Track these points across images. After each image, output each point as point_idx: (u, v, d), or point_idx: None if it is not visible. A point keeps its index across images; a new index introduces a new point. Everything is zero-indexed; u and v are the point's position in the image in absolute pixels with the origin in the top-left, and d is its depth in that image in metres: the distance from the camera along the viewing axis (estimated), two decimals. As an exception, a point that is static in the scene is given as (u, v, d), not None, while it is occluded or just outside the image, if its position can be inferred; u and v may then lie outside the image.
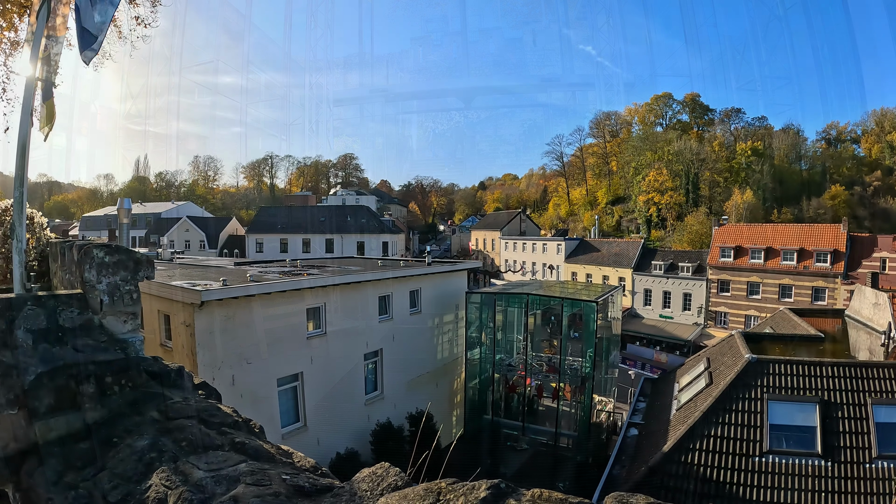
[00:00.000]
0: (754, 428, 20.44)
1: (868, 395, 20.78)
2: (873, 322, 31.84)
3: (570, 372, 40.54)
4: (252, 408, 25.88)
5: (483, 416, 41.61)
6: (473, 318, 42.14)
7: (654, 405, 28.77)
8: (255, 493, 3.30)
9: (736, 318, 75.57)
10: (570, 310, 40.96)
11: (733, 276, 77.39)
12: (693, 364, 29.78)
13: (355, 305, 35.05)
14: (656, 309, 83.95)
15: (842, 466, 19.05)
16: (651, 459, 20.49)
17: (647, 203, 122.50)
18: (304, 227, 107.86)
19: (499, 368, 41.52)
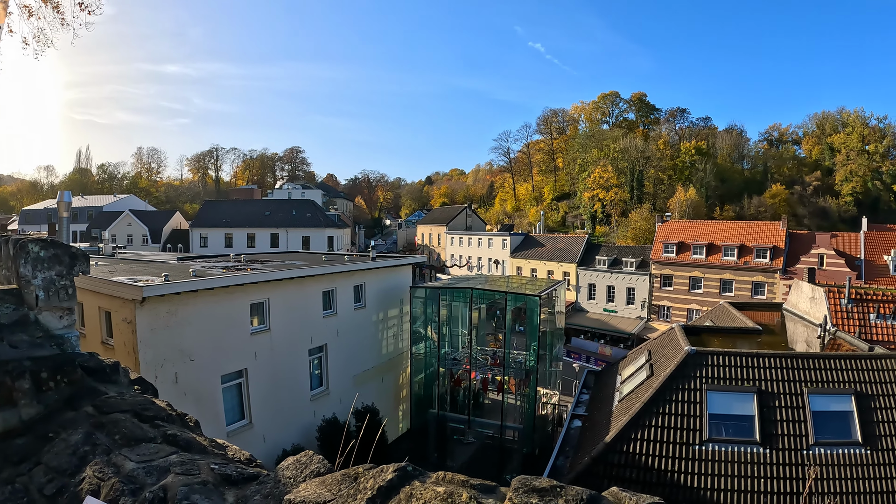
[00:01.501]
0: (694, 417, 20.85)
1: (804, 385, 21.45)
2: (810, 315, 32.73)
3: (514, 365, 40.78)
4: (196, 406, 25.29)
5: (429, 410, 41.55)
6: (418, 313, 42.16)
7: (597, 397, 29.09)
8: (184, 481, 3.41)
9: (678, 312, 77.16)
10: (514, 304, 41.31)
11: (676, 270, 78.97)
12: (635, 357, 30.15)
13: (299, 300, 34.74)
14: (600, 303, 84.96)
15: (779, 453, 19.65)
16: (594, 450, 20.74)
17: (593, 199, 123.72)
18: (249, 221, 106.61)
19: (444, 363, 41.50)
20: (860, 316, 30.84)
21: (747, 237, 77.41)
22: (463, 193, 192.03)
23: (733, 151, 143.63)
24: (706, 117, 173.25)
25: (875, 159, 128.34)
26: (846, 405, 20.85)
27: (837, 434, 20.10)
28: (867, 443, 19.73)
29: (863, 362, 22.38)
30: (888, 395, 21.09)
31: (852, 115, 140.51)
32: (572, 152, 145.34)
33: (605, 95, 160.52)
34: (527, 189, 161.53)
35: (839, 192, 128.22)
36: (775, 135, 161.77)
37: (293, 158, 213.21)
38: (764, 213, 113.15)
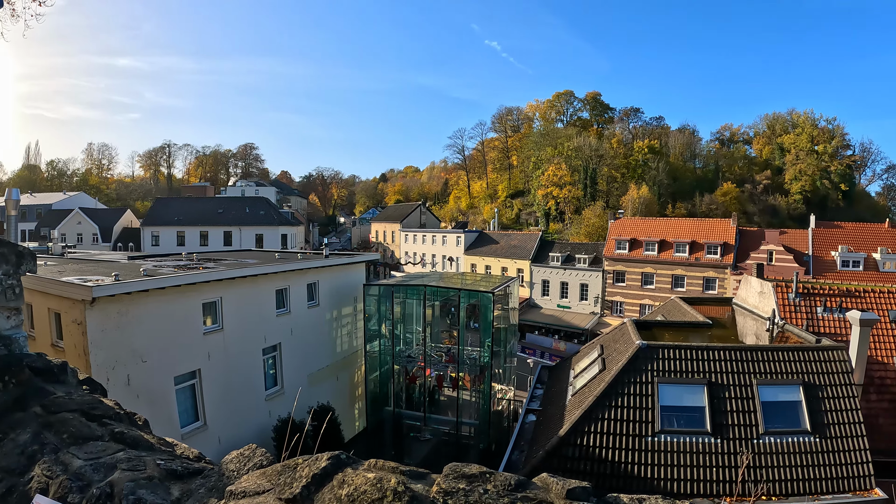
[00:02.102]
0: (646, 409, 21.12)
1: (754, 377, 22.02)
2: (759, 309, 33.25)
3: (469, 362, 40.94)
4: (149, 408, 24.77)
5: (385, 408, 41.55)
6: (372, 311, 42.02)
7: (551, 391, 29.26)
8: (130, 477, 3.47)
9: (631, 307, 78.13)
10: (467, 301, 41.36)
11: (628, 267, 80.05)
12: (588, 351, 30.38)
13: (252, 299, 34.40)
14: (554, 299, 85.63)
15: (730, 443, 20.16)
16: (548, 444, 20.88)
17: (546, 197, 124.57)
18: (201, 219, 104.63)
19: (399, 360, 41.49)
20: (808, 309, 31.46)
21: (699, 234, 78.87)
22: (417, 191, 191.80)
23: (685, 150, 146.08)
24: (659, 117, 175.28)
25: (824, 159, 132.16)
26: (794, 395, 21.56)
27: (787, 423, 20.78)
28: (816, 431, 20.47)
29: (810, 354, 23.06)
30: (835, 385, 21.85)
31: (802, 116, 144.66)
32: (527, 150, 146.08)
33: (560, 94, 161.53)
34: (481, 186, 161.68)
35: (788, 190, 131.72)
36: (727, 135, 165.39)
37: (247, 155, 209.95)
38: (715, 210, 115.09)
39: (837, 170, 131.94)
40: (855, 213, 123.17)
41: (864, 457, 20.10)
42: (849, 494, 19.26)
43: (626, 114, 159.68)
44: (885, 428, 26.95)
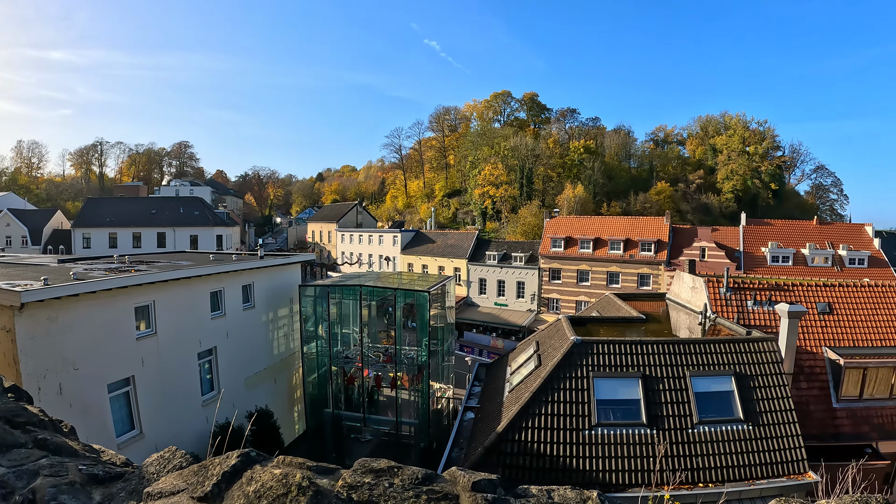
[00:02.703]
0: (582, 404, 21.16)
1: (687, 369, 22.42)
2: (691, 304, 33.68)
3: (406, 361, 40.61)
4: (83, 418, 23.95)
5: (324, 409, 40.98)
6: (309, 312, 41.31)
7: (489, 389, 29.14)
8: (52, 483, 3.44)
9: (567, 304, 79.11)
10: (404, 300, 41.00)
11: (564, 264, 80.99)
12: (524, 348, 30.34)
13: (186, 302, 33.29)
14: (491, 297, 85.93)
15: (666, 433, 20.43)
16: (487, 440, 20.74)
17: (483, 196, 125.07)
18: (134, 220, 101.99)
19: (336, 361, 40.93)
20: (738, 303, 31.86)
21: (633, 232, 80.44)
22: (354, 190, 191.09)
23: (621, 150, 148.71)
24: (595, 117, 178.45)
25: (755, 159, 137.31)
26: (727, 385, 22.05)
27: (720, 412, 21.26)
28: (749, 419, 21.05)
29: (741, 345, 23.61)
30: (766, 375, 22.50)
31: (734, 118, 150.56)
32: (464, 150, 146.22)
33: (498, 94, 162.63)
34: (418, 186, 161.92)
35: (721, 189, 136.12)
36: (661, 135, 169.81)
37: (181, 154, 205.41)
38: (649, 208, 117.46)
39: (768, 170, 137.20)
40: (784, 210, 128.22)
41: (796, 442, 20.77)
42: (783, 478, 19.82)
43: (563, 114, 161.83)
44: (815, 414, 27.74)
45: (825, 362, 29.45)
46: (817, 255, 73.13)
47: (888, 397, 28.82)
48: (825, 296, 32.83)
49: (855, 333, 31.04)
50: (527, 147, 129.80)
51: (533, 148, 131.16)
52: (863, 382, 28.57)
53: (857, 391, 28.58)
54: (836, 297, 32.87)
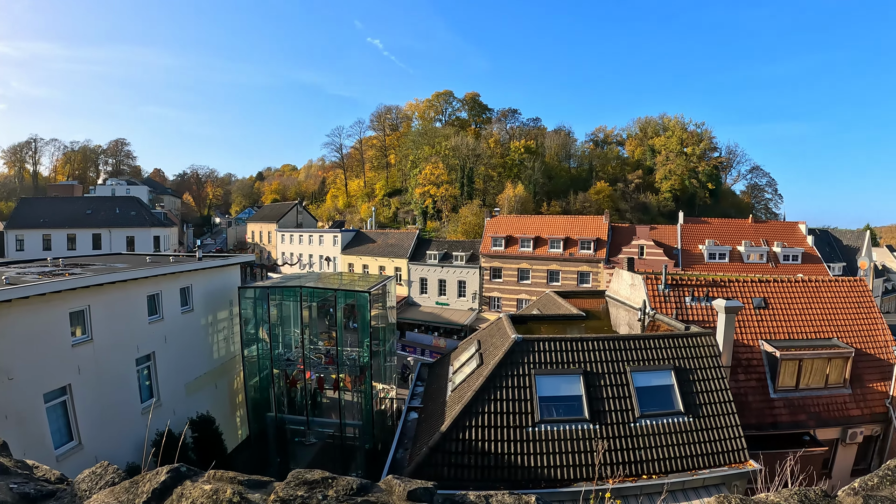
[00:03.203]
0: (525, 401, 21.14)
1: (627, 364, 22.69)
2: (631, 300, 34.07)
3: (348, 362, 40.12)
4: (19, 430, 23.14)
5: (267, 414, 40.10)
6: (249, 314, 40.37)
7: (432, 388, 29.02)
8: None
9: (508, 302, 79.64)
10: (344, 301, 40.53)
11: (505, 263, 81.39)
12: (465, 347, 30.28)
13: (123, 306, 32.14)
14: (433, 296, 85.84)
15: (608, 427, 20.64)
16: (431, 440, 20.57)
17: (424, 195, 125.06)
18: (69, 221, 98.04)
19: (278, 364, 40.15)
20: (677, 299, 32.45)
21: (573, 230, 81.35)
22: (295, 189, 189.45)
23: (561, 151, 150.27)
24: (536, 118, 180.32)
25: (692, 160, 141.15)
26: (667, 380, 22.36)
27: (661, 406, 21.57)
28: (689, 411, 21.42)
29: (680, 340, 24.01)
30: (705, 368, 22.97)
31: (673, 120, 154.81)
32: (405, 149, 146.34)
33: (440, 94, 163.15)
34: (359, 185, 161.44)
35: (659, 189, 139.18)
36: (601, 136, 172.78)
37: (118, 151, 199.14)
38: (589, 208, 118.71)
39: (705, 170, 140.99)
40: (721, 209, 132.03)
41: (735, 432, 21.24)
42: (724, 467, 20.23)
43: (504, 114, 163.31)
44: (754, 405, 28.72)
45: (762, 355, 30.54)
46: (753, 252, 75.19)
47: (823, 387, 30.15)
48: (761, 291, 33.90)
49: (790, 327, 32.38)
50: (468, 147, 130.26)
51: (474, 147, 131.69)
52: (799, 373, 29.80)
53: (794, 382, 29.79)
54: (772, 292, 34.00)
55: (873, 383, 31.04)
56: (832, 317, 33.40)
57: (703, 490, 19.54)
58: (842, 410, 29.91)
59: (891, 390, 30.66)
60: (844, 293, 34.92)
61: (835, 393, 30.23)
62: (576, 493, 17.98)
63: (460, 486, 18.21)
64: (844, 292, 34.98)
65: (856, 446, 30.56)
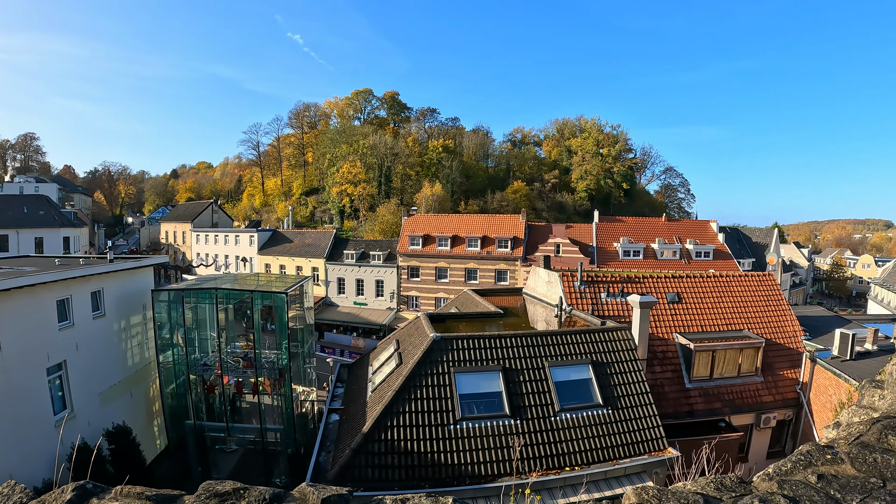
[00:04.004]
0: (445, 399, 21.14)
1: (546, 360, 23.00)
2: (548, 297, 34.58)
3: (267, 365, 39.44)
4: None
5: (185, 421, 38.93)
6: (163, 318, 39.07)
7: (352, 389, 28.81)
8: None
9: (427, 301, 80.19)
10: (261, 302, 39.89)
11: (423, 262, 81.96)
12: (384, 347, 30.18)
13: (31, 313, 30.59)
14: (350, 296, 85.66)
15: (529, 422, 20.87)
16: (353, 442, 20.40)
17: (341, 194, 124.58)
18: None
19: (195, 369, 38.92)
20: (592, 295, 33.04)
21: (490, 229, 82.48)
22: (210, 188, 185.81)
23: (479, 150, 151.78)
24: (455, 118, 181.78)
25: (608, 161, 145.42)
26: (585, 374, 22.81)
27: (580, 399, 21.96)
28: (608, 404, 21.94)
29: (597, 335, 24.52)
30: (621, 362, 23.60)
31: (590, 122, 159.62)
32: (322, 147, 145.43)
33: (359, 92, 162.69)
34: (276, 184, 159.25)
35: (575, 188, 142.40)
36: (519, 136, 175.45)
37: (27, 147, 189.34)
38: (506, 207, 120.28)
39: (620, 170, 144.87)
40: (635, 208, 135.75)
41: (653, 422, 21.92)
42: (645, 456, 20.80)
43: (423, 114, 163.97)
44: (670, 395, 29.70)
45: (677, 347, 31.62)
46: (666, 249, 77.62)
47: (736, 376, 31.63)
48: (674, 286, 34.96)
49: (703, 320, 33.75)
50: (386, 145, 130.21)
51: (392, 146, 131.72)
52: (712, 363, 31.06)
53: (708, 372, 31.01)
54: (685, 287, 35.18)
55: (784, 371, 32.82)
56: (743, 310, 35.08)
57: (626, 479, 20.04)
58: (755, 397, 31.46)
59: (801, 377, 32.46)
60: (754, 287, 36.75)
61: (748, 381, 31.72)
62: (498, 489, 18.10)
63: (385, 486, 18.30)
64: (754, 286, 36.81)
65: (770, 430, 32.25)
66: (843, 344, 30.63)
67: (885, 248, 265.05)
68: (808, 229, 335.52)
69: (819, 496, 4.07)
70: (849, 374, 27.96)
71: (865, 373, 26.85)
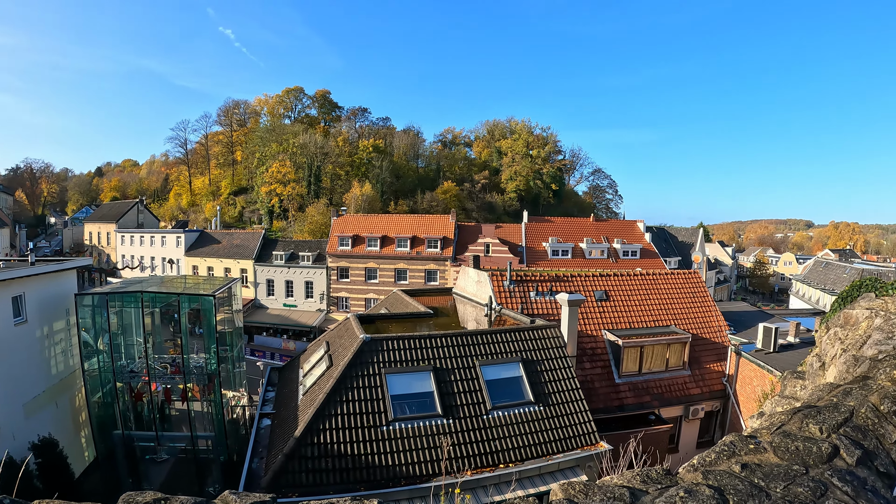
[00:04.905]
0: (377, 400, 21.06)
1: (476, 359, 23.19)
2: (477, 297, 34.76)
3: (196, 371, 38.55)
4: None
5: (114, 432, 37.34)
6: (88, 323, 37.45)
7: (283, 393, 28.53)
8: None
9: (357, 302, 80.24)
10: (188, 305, 39.03)
11: (352, 262, 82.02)
12: (314, 349, 29.97)
13: None
14: (280, 298, 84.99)
15: (461, 421, 21.00)
16: (286, 446, 20.15)
17: (270, 194, 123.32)
18: None
19: (122, 376, 37.55)
20: (522, 294, 33.36)
21: (420, 229, 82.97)
22: (136, 187, 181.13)
23: (409, 150, 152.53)
24: (386, 117, 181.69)
25: (537, 162, 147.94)
26: (515, 371, 23.09)
27: (511, 397, 22.19)
28: (539, 401, 22.25)
29: (526, 333, 24.83)
30: (551, 359, 24.03)
31: (520, 123, 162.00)
32: (252, 146, 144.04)
33: (290, 90, 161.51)
34: (204, 183, 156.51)
35: (505, 189, 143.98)
36: (449, 137, 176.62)
37: None
38: (436, 207, 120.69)
39: (549, 172, 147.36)
40: (564, 209, 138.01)
41: (585, 417, 22.42)
42: (577, 451, 21.21)
43: (354, 113, 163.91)
44: (600, 390, 30.29)
45: (606, 344, 32.27)
46: (594, 248, 79.08)
47: (665, 370, 32.64)
48: (602, 285, 35.65)
49: (631, 316, 34.58)
50: (316, 144, 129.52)
51: (322, 146, 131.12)
52: (641, 359, 31.92)
53: (637, 367, 31.85)
54: (612, 285, 35.91)
55: (710, 364, 34.10)
56: (670, 306, 36.12)
57: (560, 473, 20.47)
58: (683, 390, 32.53)
59: (727, 369, 33.82)
60: (680, 285, 37.90)
61: (676, 375, 32.76)
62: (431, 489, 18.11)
63: (320, 491, 18.19)
64: (680, 284, 37.96)
65: (699, 421, 33.37)
66: (766, 337, 32.19)
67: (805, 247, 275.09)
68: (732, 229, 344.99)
69: (743, 485, 4.14)
70: (772, 365, 29.20)
71: (788, 364, 27.90)
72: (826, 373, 7.54)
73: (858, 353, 6.91)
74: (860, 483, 4.35)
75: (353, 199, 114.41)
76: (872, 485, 4.44)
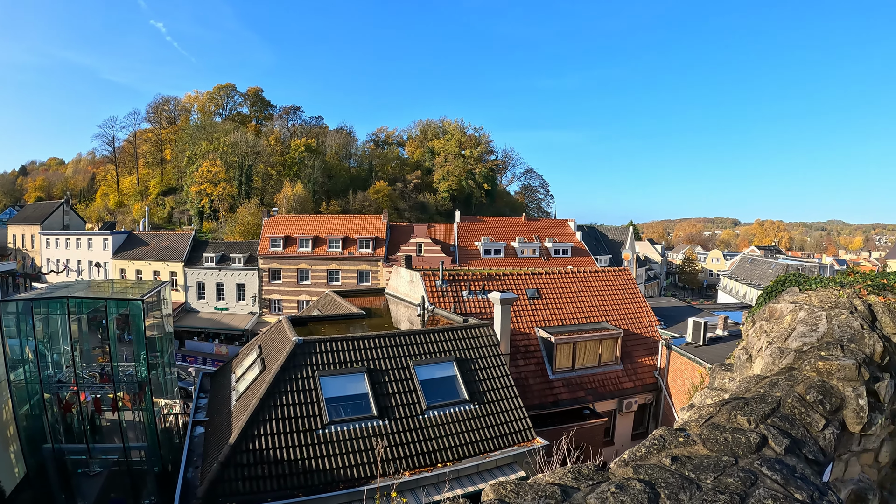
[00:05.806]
0: (312, 404, 20.87)
1: (410, 359, 23.18)
2: (410, 297, 34.87)
3: (126, 379, 37.55)
4: None
5: (44, 445, 35.93)
6: (12, 332, 35.94)
7: (216, 399, 28.13)
8: None
9: (289, 304, 79.51)
10: (116, 311, 38.04)
11: (284, 264, 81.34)
12: (247, 353, 29.68)
13: None
14: (211, 301, 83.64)
15: (397, 422, 20.96)
16: (221, 454, 19.80)
17: (200, 194, 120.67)
18: None
19: (49, 387, 36.03)
20: (454, 294, 33.57)
21: (351, 229, 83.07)
22: (61, 186, 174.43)
23: (342, 150, 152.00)
24: (319, 116, 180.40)
25: (470, 162, 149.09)
26: (449, 371, 23.23)
27: (446, 396, 22.32)
28: (474, 399, 22.43)
29: (459, 332, 25.00)
30: (484, 357, 24.25)
31: (453, 124, 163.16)
32: (182, 144, 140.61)
33: (222, 87, 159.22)
34: (132, 182, 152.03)
35: (437, 189, 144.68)
36: (382, 137, 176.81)
37: None
38: (368, 207, 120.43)
39: (482, 172, 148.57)
40: (496, 208, 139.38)
41: (520, 414, 22.67)
42: (514, 447, 21.41)
43: (287, 111, 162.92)
44: (535, 387, 30.71)
45: (539, 341, 32.82)
46: (526, 247, 79.96)
47: (598, 365, 33.37)
48: (534, 283, 36.21)
49: (563, 314, 35.20)
50: (247, 143, 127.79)
51: (254, 145, 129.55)
52: (574, 355, 32.50)
53: (570, 363, 32.44)
54: (544, 283, 36.51)
55: (642, 358, 35.01)
56: (601, 303, 36.93)
57: (498, 470, 20.62)
58: (616, 384, 33.27)
59: (658, 363, 34.73)
60: (611, 282, 38.76)
61: (609, 370, 33.50)
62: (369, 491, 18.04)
63: (259, 499, 17.96)
64: (611, 281, 38.83)
65: (633, 414, 34.24)
66: (696, 331, 33.02)
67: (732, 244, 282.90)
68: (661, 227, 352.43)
69: (674, 478, 4.17)
70: (702, 358, 30.08)
71: (717, 357, 28.67)
72: (753, 365, 7.72)
73: (784, 346, 7.07)
74: (789, 471, 4.42)
75: (285, 200, 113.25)
76: (802, 472, 4.52)
